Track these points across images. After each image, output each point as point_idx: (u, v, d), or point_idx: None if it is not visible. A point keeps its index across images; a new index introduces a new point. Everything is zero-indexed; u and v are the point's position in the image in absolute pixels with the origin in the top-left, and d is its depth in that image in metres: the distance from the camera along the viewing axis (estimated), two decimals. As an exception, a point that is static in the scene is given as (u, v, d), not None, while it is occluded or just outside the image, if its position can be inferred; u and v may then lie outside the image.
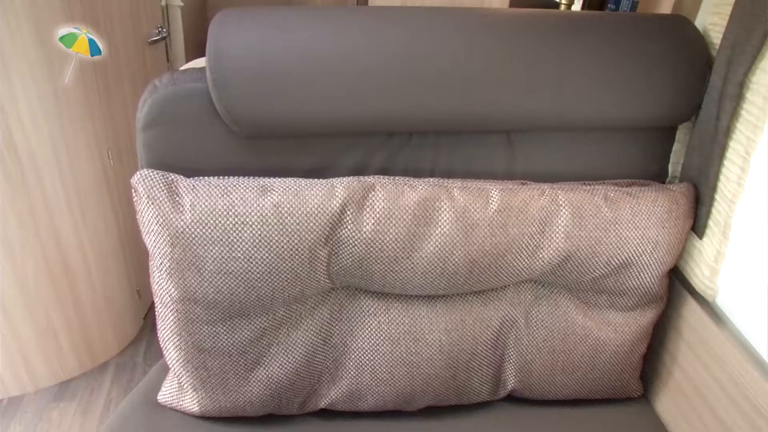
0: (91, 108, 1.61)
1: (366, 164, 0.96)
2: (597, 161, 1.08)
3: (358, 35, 0.85)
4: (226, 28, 0.83)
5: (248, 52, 0.82)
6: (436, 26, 0.89)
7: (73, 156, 1.59)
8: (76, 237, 1.68)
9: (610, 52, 0.96)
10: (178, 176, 0.87)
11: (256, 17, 0.84)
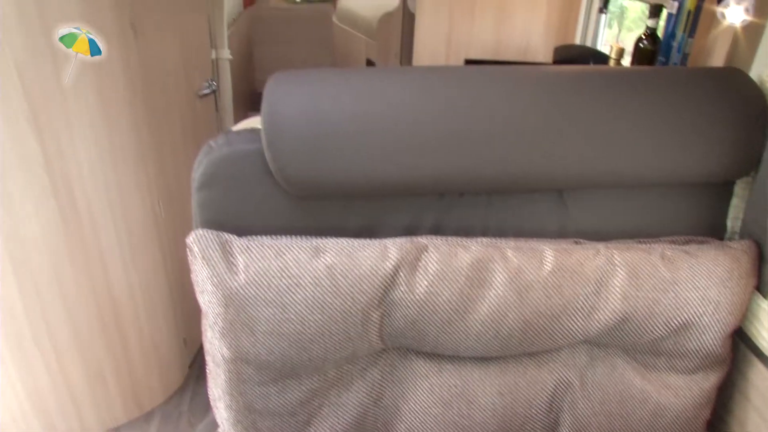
0: (145, 160, 1.65)
1: (417, 224, 0.95)
2: (652, 218, 1.04)
3: (407, 95, 0.85)
4: (280, 90, 0.84)
5: (302, 114, 0.83)
6: (485, 84, 0.88)
7: (127, 206, 1.63)
8: (127, 285, 1.71)
9: (664, 108, 0.94)
10: (232, 236, 0.87)
11: (308, 79, 0.86)
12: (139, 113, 1.60)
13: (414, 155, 0.85)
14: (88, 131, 1.46)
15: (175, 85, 1.81)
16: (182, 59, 1.88)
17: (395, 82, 0.86)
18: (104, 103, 1.48)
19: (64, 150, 1.43)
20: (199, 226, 0.90)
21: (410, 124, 0.84)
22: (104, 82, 1.46)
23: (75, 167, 1.47)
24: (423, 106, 0.85)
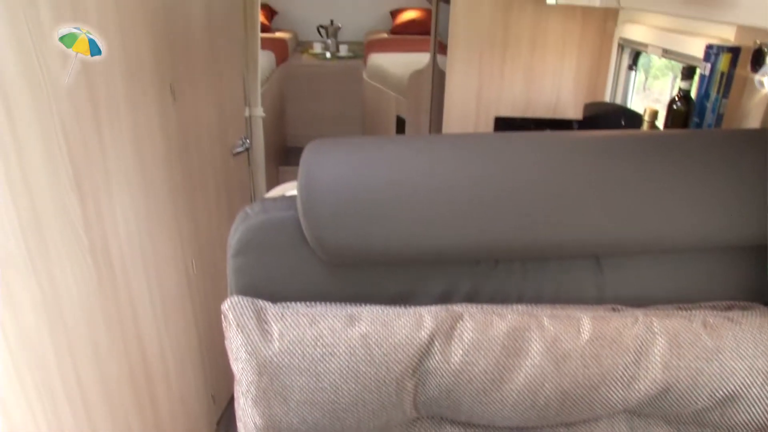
0: (179, 219, 1.68)
1: (452, 290, 0.95)
2: (692, 283, 1.02)
3: (442, 163, 0.86)
4: (316, 158, 0.86)
5: (337, 182, 0.84)
6: (519, 151, 0.89)
7: (160, 265, 1.65)
8: (158, 342, 1.72)
9: (700, 171, 0.93)
10: (266, 303, 0.88)
11: (344, 147, 0.87)
12: (175, 173, 1.64)
13: (449, 223, 0.85)
14: (126, 192, 1.50)
15: (210, 144, 1.86)
16: (218, 118, 1.93)
17: (429, 149, 0.88)
18: (142, 165, 1.52)
19: (102, 210, 1.46)
20: (234, 292, 0.91)
21: (445, 191, 0.85)
22: (143, 144, 1.51)
23: (112, 227, 1.50)
24: (457, 173, 0.85)
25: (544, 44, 2.06)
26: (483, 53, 2.07)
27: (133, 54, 1.45)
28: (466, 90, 2.12)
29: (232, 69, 2.10)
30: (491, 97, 2.12)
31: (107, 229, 1.50)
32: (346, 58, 5.11)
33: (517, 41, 2.05)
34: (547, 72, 2.10)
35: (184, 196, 1.70)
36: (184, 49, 1.72)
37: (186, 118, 1.67)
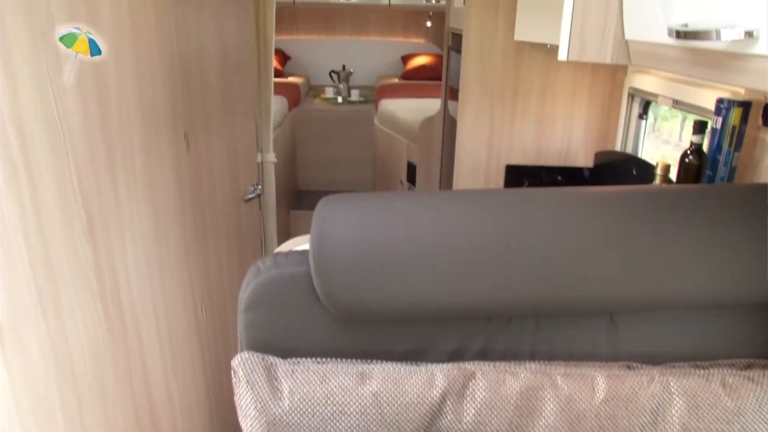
0: (190, 265, 1.69)
1: (464, 347, 0.94)
2: (709, 340, 1.00)
3: (454, 219, 0.86)
4: (328, 215, 0.86)
5: (350, 239, 0.84)
6: (531, 207, 0.89)
7: (170, 311, 1.65)
8: (166, 390, 1.70)
9: (714, 226, 0.92)
10: (277, 359, 0.87)
11: (356, 204, 0.87)
12: (187, 220, 1.65)
13: (462, 280, 0.84)
14: (138, 239, 1.51)
15: (222, 191, 1.88)
16: (230, 165, 1.96)
17: (441, 206, 0.88)
18: (155, 212, 1.53)
19: (114, 257, 1.47)
20: (244, 347, 0.91)
21: (457, 248, 0.84)
22: (156, 192, 1.52)
23: (124, 274, 1.51)
24: (469, 230, 0.86)
25: (554, 93, 2.08)
26: (494, 102, 2.09)
27: (149, 102, 1.48)
28: (477, 138, 2.14)
29: (245, 115, 2.14)
30: (502, 144, 2.14)
31: (119, 276, 1.50)
32: (357, 103, 5.19)
33: (527, 90, 2.08)
34: (558, 120, 2.12)
35: (196, 242, 1.71)
36: (199, 97, 1.75)
37: (199, 166, 1.69)
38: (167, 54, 1.55)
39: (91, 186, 1.33)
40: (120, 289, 1.52)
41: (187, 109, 1.66)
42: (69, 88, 1.22)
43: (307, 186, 4.99)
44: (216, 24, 1.85)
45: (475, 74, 2.05)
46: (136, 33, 1.41)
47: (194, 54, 1.71)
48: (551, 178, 2.13)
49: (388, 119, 3.98)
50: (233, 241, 1.99)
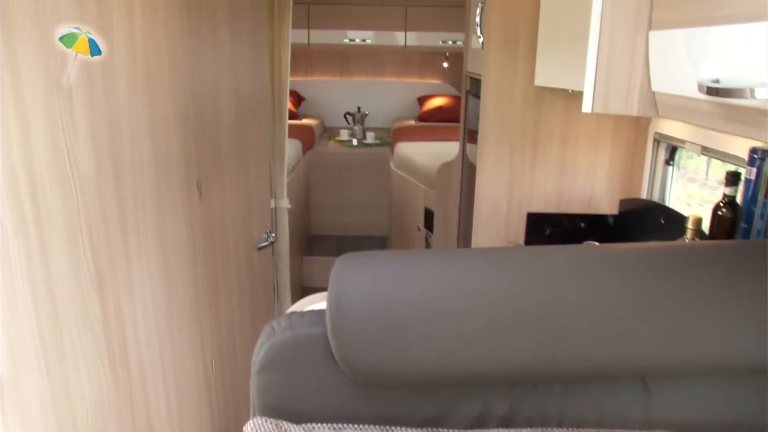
0: (199, 317, 1.68)
1: (488, 413, 0.91)
2: (750, 406, 0.97)
3: (477, 279, 0.85)
4: (347, 275, 0.85)
5: (369, 301, 0.83)
6: (555, 266, 0.87)
7: (178, 365, 1.64)
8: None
9: (752, 285, 0.90)
10: (291, 425, 0.85)
11: (375, 262, 0.87)
12: (198, 271, 1.65)
13: (484, 343, 0.83)
14: (148, 291, 1.51)
15: (235, 240, 1.88)
16: (243, 213, 1.97)
17: (462, 266, 0.87)
18: (166, 263, 1.54)
19: (123, 310, 1.47)
20: (257, 411, 0.89)
21: (479, 310, 0.83)
22: (167, 243, 1.53)
23: (132, 328, 1.50)
24: (491, 291, 0.84)
25: (576, 138, 2.09)
26: (514, 147, 2.10)
27: (162, 151, 1.50)
28: (496, 184, 2.14)
29: (259, 161, 2.16)
30: (523, 191, 2.13)
31: (126, 330, 1.50)
32: (372, 146, 5.24)
33: (548, 135, 2.08)
34: (580, 166, 2.11)
35: (207, 294, 1.70)
36: (213, 143, 1.77)
37: (211, 215, 1.70)
38: (181, 98, 1.57)
39: (100, 236, 1.34)
40: (127, 343, 1.51)
41: (201, 156, 1.68)
42: (81, 136, 1.24)
43: (321, 231, 5.00)
44: (231, 66, 1.89)
45: (494, 120, 2.07)
46: (150, 76, 1.44)
47: (208, 98, 1.74)
48: (574, 225, 2.12)
49: (405, 163, 4.00)
50: (245, 291, 1.98)
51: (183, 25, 1.55)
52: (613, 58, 0.99)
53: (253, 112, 2.10)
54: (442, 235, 3.04)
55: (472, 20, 2.46)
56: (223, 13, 1.80)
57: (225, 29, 1.83)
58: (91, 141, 1.27)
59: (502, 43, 2.00)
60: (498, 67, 2.02)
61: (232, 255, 1.88)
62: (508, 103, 2.05)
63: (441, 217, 3.02)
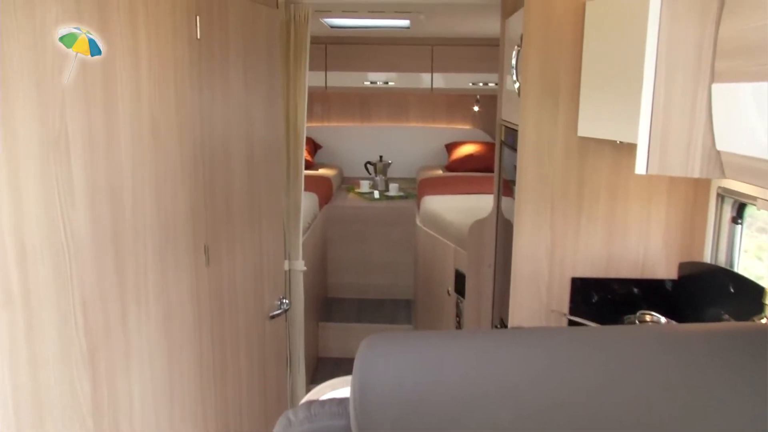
0: (204, 394, 1.66)
1: None
2: None
3: (518, 368, 0.83)
4: (372, 361, 0.84)
5: (398, 391, 0.81)
6: (616, 351, 0.85)
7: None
8: None
9: None
10: None
11: (404, 346, 0.85)
12: (203, 346, 1.64)
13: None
14: (147, 370, 1.50)
15: (245, 309, 1.88)
16: (254, 279, 1.97)
17: (503, 350, 0.85)
18: (168, 338, 1.53)
19: (117, 392, 1.45)
20: None
21: (521, 402, 0.81)
22: (171, 315, 1.53)
23: (126, 412, 1.48)
24: (536, 381, 0.82)
25: (626, 194, 2.07)
26: (555, 204, 2.08)
27: (167, 210, 1.52)
28: (536, 245, 2.11)
29: (272, 218, 2.17)
30: (566, 253, 2.11)
31: (120, 414, 1.48)
32: (396, 198, 5.25)
33: (594, 191, 2.06)
34: (631, 225, 2.08)
35: (212, 370, 1.69)
36: (223, 202, 1.79)
37: (220, 283, 1.70)
38: (189, 150, 1.59)
39: (95, 307, 1.34)
40: (120, 428, 1.49)
41: (210, 215, 1.69)
42: (79, 196, 1.26)
43: (338, 293, 4.98)
44: (243, 114, 1.92)
45: (533, 174, 2.06)
46: (156, 127, 1.46)
47: (219, 149, 1.76)
48: (626, 291, 2.08)
49: (432, 219, 3.99)
50: (255, 365, 1.97)
51: (192, 69, 1.59)
52: (671, 113, 0.98)
53: (267, 164, 2.12)
54: (475, 301, 3.00)
55: (507, 63, 2.48)
56: (235, 55, 1.84)
57: (238, 73, 1.87)
58: (89, 202, 1.29)
59: (541, 90, 2.01)
60: (536, 115, 2.03)
61: (242, 326, 1.87)
62: (549, 155, 2.05)
63: (473, 280, 2.98)
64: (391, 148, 6.01)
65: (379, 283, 4.95)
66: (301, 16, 2.57)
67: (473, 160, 5.65)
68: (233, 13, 1.81)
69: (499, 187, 2.84)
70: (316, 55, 4.79)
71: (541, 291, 2.12)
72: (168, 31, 1.48)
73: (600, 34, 1.83)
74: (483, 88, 5.60)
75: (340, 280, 4.97)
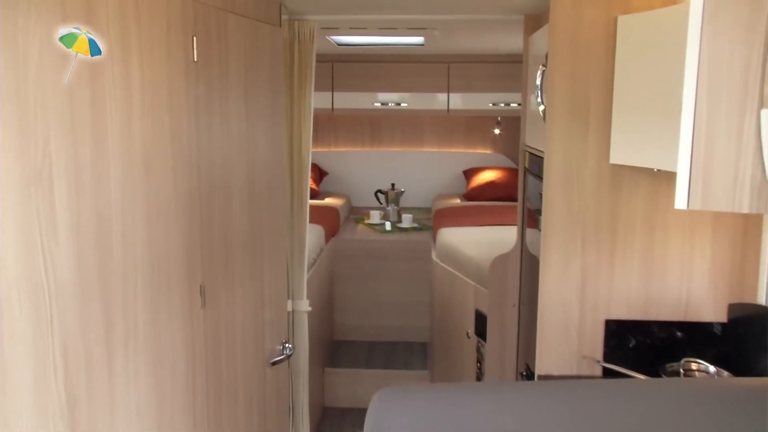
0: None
1: None
2: None
3: (544, 426, 0.82)
4: (385, 417, 0.83)
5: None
6: (661, 410, 0.84)
7: None
8: None
9: None
10: None
11: (421, 401, 0.85)
12: (197, 395, 1.63)
13: None
14: (134, 424, 1.49)
15: (244, 355, 1.87)
16: (255, 322, 1.96)
17: (529, 406, 0.84)
18: (159, 392, 1.52)
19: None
20: None
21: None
22: (162, 365, 1.52)
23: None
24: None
25: (666, 227, 2.05)
26: (586, 237, 2.07)
27: (160, 248, 1.52)
28: (565, 283, 2.10)
29: (275, 255, 2.17)
30: (599, 293, 2.09)
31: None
32: (410, 231, 5.25)
33: (629, 223, 2.05)
34: (672, 261, 2.07)
35: (208, 424, 1.68)
36: (221, 237, 1.79)
37: (217, 327, 1.70)
38: (185, 182, 1.60)
39: (78, 354, 1.33)
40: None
41: (206, 252, 1.69)
42: (63, 234, 1.25)
43: (347, 336, 4.96)
44: (244, 142, 1.94)
45: (561, 205, 2.05)
46: (148, 158, 1.46)
47: (217, 180, 1.77)
48: (668, 335, 2.05)
49: (450, 254, 3.98)
50: (255, 416, 1.96)
51: (189, 95, 1.60)
52: (714, 141, 0.98)
53: (270, 196, 2.13)
54: (498, 345, 2.98)
55: (531, 82, 2.49)
56: (236, 78, 1.86)
57: (238, 98, 1.88)
58: (74, 239, 1.29)
59: (569, 112, 2.01)
60: (564, 141, 2.03)
61: (240, 374, 1.86)
62: (578, 184, 2.04)
63: (496, 322, 2.97)
64: (403, 175, 6.02)
65: (392, 324, 4.93)
66: (306, 34, 2.60)
67: (494, 188, 5.65)
68: (233, 32, 1.83)
69: (524, 218, 2.84)
70: (322, 74, 4.78)
71: (572, 335, 2.10)
72: (162, 54, 1.49)
73: (634, 51, 1.83)
74: (504, 108, 5.59)
75: (348, 321, 4.95)
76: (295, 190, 2.66)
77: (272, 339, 2.12)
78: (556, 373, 2.07)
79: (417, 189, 6.09)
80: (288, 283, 2.54)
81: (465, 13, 2.88)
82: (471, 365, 3.43)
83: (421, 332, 4.87)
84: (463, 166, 6.16)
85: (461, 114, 5.88)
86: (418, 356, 4.76)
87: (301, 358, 2.75)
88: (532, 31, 2.64)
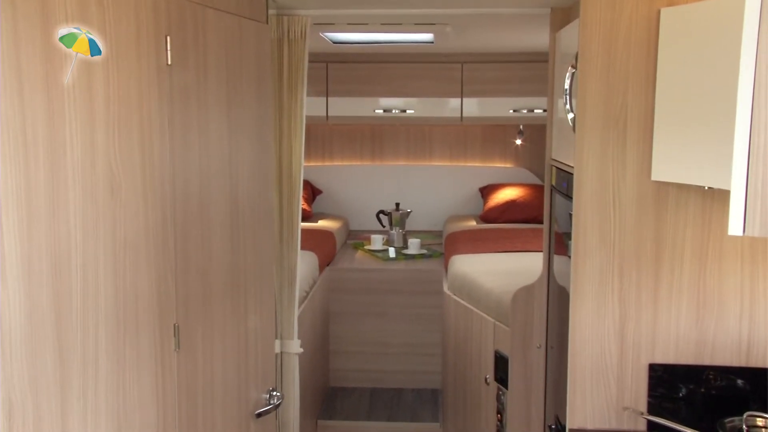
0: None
1: None
2: None
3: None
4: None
5: None
6: None
7: None
8: None
9: None
10: None
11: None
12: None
13: None
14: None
15: (224, 403, 1.87)
16: (237, 367, 1.96)
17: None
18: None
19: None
20: None
21: None
22: (128, 418, 1.51)
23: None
24: None
25: (720, 255, 2.04)
26: (624, 266, 2.06)
27: (126, 285, 1.51)
28: (601, 321, 2.09)
29: (260, 290, 2.17)
30: (641, 333, 2.08)
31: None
32: (417, 258, 5.24)
33: (676, 249, 2.05)
34: (729, 296, 2.06)
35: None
36: (198, 271, 1.79)
37: (193, 373, 1.69)
38: (157, 209, 1.60)
39: (26, 410, 1.31)
40: None
41: (181, 288, 1.69)
42: (10, 274, 1.24)
43: (344, 381, 4.93)
44: (226, 161, 1.94)
45: (594, 229, 2.05)
46: (114, 184, 1.46)
47: (194, 206, 1.77)
48: (726, 383, 2.04)
49: (465, 286, 3.97)
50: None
51: (162, 106, 1.60)
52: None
53: (255, 220, 2.13)
54: (522, 393, 2.97)
55: (559, 86, 2.50)
56: (216, 84, 1.87)
57: (219, 107, 1.89)
58: (24, 277, 1.28)
59: (603, 121, 2.01)
60: (597, 154, 2.03)
61: (220, 427, 1.85)
62: (614, 205, 2.04)
63: (519, 365, 2.96)
64: (410, 194, 6.02)
65: (397, 368, 4.90)
66: (297, 31, 2.61)
67: (516, 209, 5.64)
68: (213, 30, 1.83)
69: (551, 244, 2.83)
70: (315, 75, 4.77)
71: (610, 381, 2.09)
72: (131, 58, 1.49)
73: (681, 49, 1.83)
74: (527, 115, 5.59)
75: (345, 364, 4.93)
76: (284, 213, 2.66)
77: (257, 386, 2.11)
78: (590, 428, 2.06)
79: (425, 209, 6.08)
80: (276, 320, 2.54)
81: (481, 6, 2.89)
82: (490, 417, 3.41)
83: (432, 378, 4.85)
84: (479, 183, 6.16)
85: (477, 122, 5.90)
86: (428, 406, 4.74)
87: (291, 408, 2.74)
88: (559, 27, 2.65)
